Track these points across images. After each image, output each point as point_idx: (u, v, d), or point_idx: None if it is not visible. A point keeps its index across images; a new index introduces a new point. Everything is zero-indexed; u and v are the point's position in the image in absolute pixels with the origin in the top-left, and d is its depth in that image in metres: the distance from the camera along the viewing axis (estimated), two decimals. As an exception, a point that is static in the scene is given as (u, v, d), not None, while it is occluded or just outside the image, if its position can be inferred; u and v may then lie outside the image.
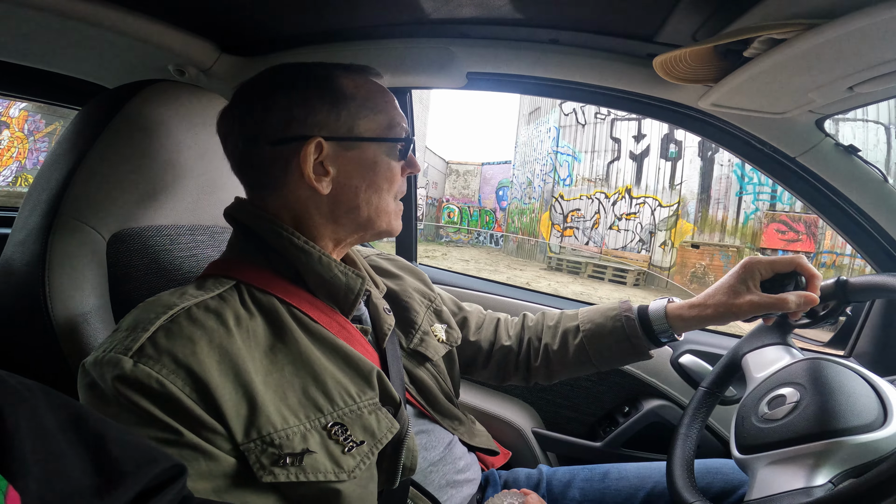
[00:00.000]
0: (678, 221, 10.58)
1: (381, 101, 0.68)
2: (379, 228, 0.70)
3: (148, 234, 0.76)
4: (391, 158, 0.68)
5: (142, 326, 0.52)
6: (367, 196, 0.67)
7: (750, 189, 9.87)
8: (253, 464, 0.51)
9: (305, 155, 0.62)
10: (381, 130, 0.67)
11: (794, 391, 0.73)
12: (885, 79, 0.65)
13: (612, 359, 0.88)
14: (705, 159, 10.16)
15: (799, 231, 9.58)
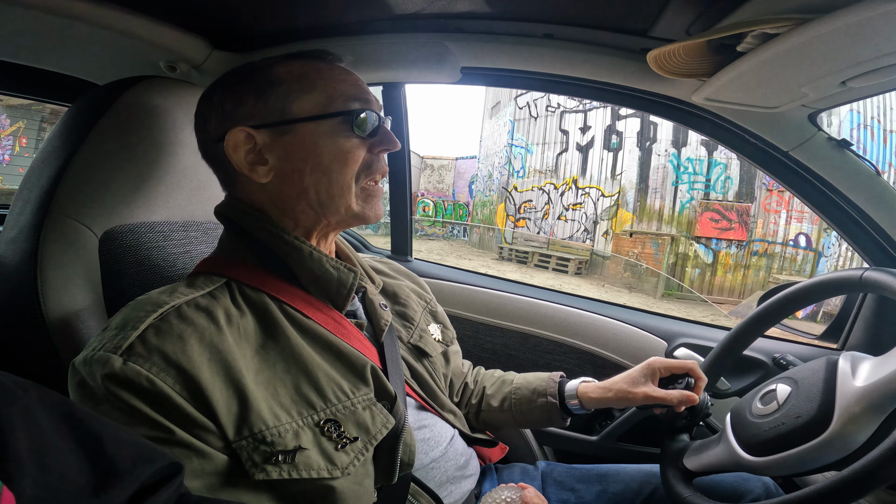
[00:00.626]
0: (618, 211, 10.75)
1: (316, 79, 0.65)
2: (339, 213, 0.67)
3: (140, 230, 0.76)
4: (337, 136, 0.64)
5: (131, 325, 0.52)
6: (315, 179, 0.64)
7: (685, 178, 10.03)
8: (245, 461, 0.51)
9: (230, 147, 0.63)
10: (317, 109, 0.64)
11: (785, 388, 0.75)
12: (877, 73, 0.66)
13: (530, 424, 0.96)
14: (644, 149, 10.30)
15: (731, 220, 9.74)
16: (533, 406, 0.92)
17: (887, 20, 0.53)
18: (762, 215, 9.68)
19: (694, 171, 9.99)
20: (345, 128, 0.65)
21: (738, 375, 1.13)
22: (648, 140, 10.28)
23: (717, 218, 9.84)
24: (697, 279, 9.99)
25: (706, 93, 0.82)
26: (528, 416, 0.92)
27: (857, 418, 0.63)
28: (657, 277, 9.59)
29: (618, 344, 1.22)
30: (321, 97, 0.64)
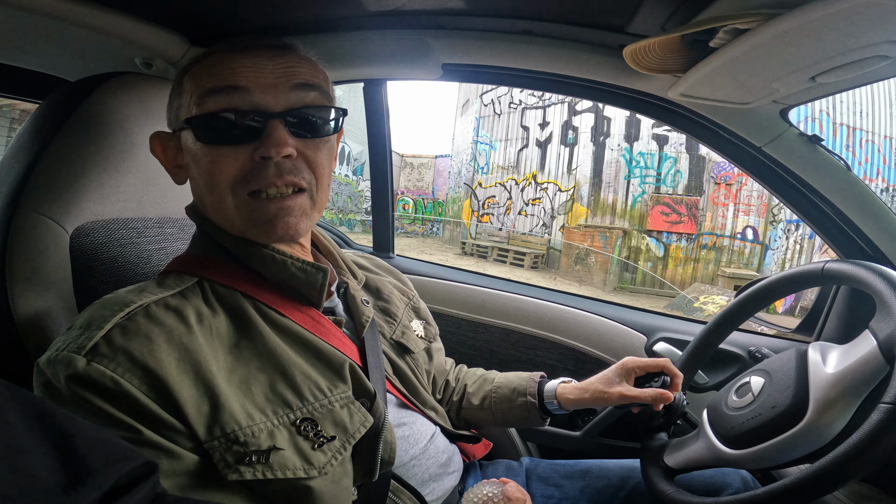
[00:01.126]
0: (573, 205, 11.00)
1: (191, 78, 0.61)
2: (233, 231, 0.63)
3: (113, 227, 0.75)
4: (203, 142, 0.59)
5: (96, 324, 0.51)
6: (202, 190, 0.63)
7: (637, 173, 10.29)
8: (217, 462, 0.50)
9: (155, 149, 0.66)
10: (185, 113, 0.61)
11: (759, 380, 0.77)
12: (846, 69, 0.68)
13: (510, 423, 0.96)
14: (597, 144, 10.59)
15: (681, 213, 10.00)
16: (513, 405, 0.92)
17: (854, 15, 0.55)
18: (710, 208, 9.95)
19: (645, 165, 10.26)
20: (208, 133, 0.59)
21: (716, 369, 1.15)
22: (602, 135, 10.55)
23: (667, 212, 10.10)
24: (649, 272, 10.17)
25: (681, 88, 0.84)
26: (508, 415, 0.93)
27: (833, 403, 0.65)
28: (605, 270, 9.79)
29: (599, 339, 1.24)
30: (191, 100, 0.60)
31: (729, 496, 0.67)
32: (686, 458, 0.80)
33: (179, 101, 0.63)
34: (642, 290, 9.72)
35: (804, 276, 0.84)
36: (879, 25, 0.56)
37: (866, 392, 0.64)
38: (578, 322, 1.26)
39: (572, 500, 0.89)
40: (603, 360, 1.22)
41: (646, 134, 10.20)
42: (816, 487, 0.59)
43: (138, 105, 0.76)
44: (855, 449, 0.57)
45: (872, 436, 0.56)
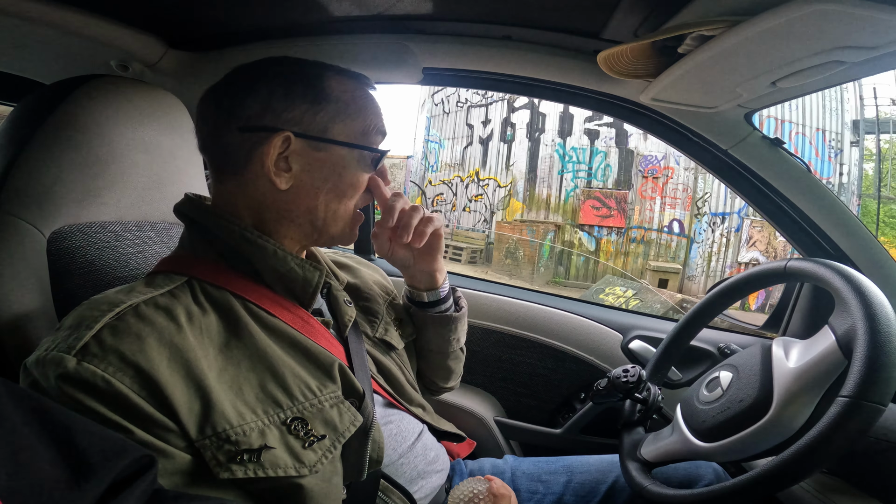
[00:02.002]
0: (510, 201, 11.15)
1: (362, 107, 0.67)
2: (333, 233, 0.69)
3: (90, 230, 0.74)
4: (360, 166, 0.67)
5: (86, 324, 0.51)
6: (327, 199, 0.66)
7: (570, 167, 10.45)
8: (209, 460, 0.50)
9: (270, 147, 0.62)
10: (354, 136, 0.66)
11: (727, 374, 0.79)
12: (803, 74, 0.71)
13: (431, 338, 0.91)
14: (533, 140, 10.72)
15: (611, 207, 10.16)
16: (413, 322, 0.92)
17: (810, 22, 0.58)
18: (639, 202, 10.08)
19: (578, 160, 10.39)
20: (367, 161, 0.68)
21: (688, 366, 1.18)
22: (537, 131, 10.66)
23: (598, 206, 10.24)
24: (582, 266, 10.30)
25: (652, 93, 0.87)
26: (423, 334, 0.91)
27: (795, 397, 0.67)
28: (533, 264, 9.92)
29: (577, 338, 1.26)
30: (360, 126, 0.67)
31: (702, 488, 0.69)
32: (662, 452, 0.82)
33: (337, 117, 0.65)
34: (575, 283, 9.78)
35: (768, 274, 0.87)
36: (834, 32, 0.60)
37: (826, 386, 0.66)
38: (557, 321, 1.28)
39: (557, 496, 0.90)
40: (581, 359, 1.25)
41: (578, 129, 10.36)
42: (780, 479, 0.60)
43: (115, 108, 0.75)
44: (814, 441, 0.58)
45: (830, 428, 0.57)
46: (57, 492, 0.33)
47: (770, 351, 0.76)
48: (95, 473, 0.35)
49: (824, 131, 9.81)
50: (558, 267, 10.36)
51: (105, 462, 0.37)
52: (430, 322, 0.90)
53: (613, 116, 1.04)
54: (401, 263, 0.85)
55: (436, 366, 0.95)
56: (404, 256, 0.83)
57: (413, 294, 0.90)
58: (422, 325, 0.91)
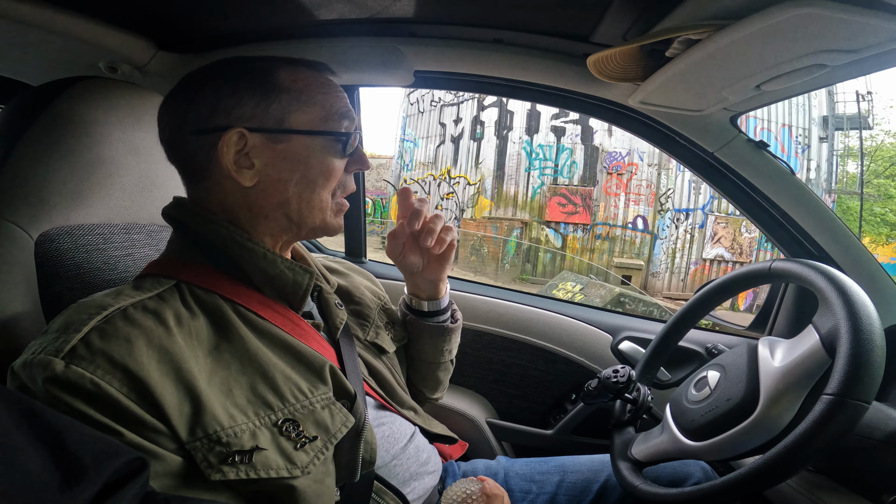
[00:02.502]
0: (479, 198, 11.22)
1: (318, 93, 0.66)
2: (313, 225, 0.68)
3: (79, 233, 0.73)
4: (328, 153, 0.66)
5: (73, 328, 0.50)
6: (298, 190, 0.65)
7: (537, 165, 10.55)
8: (200, 462, 0.50)
9: (224, 145, 0.62)
10: (314, 123, 0.65)
11: (715, 374, 0.80)
12: (787, 77, 0.73)
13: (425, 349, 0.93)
14: (501, 138, 10.83)
15: (577, 204, 10.28)
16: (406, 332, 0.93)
17: (792, 26, 0.60)
18: (604, 198, 10.17)
19: (544, 157, 10.48)
20: (335, 146, 0.67)
21: (676, 366, 1.20)
22: (505, 128, 10.75)
23: (564, 202, 10.33)
24: (549, 263, 10.35)
25: (640, 96, 0.89)
26: (416, 342, 0.93)
27: (781, 396, 0.68)
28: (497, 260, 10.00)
29: (568, 339, 1.27)
30: (319, 112, 0.66)
31: (691, 486, 0.70)
32: (652, 451, 0.82)
33: (290, 107, 0.64)
34: (541, 280, 9.77)
35: (753, 275, 0.88)
36: (816, 36, 0.61)
37: (811, 384, 0.67)
38: (548, 323, 1.29)
39: (550, 495, 0.91)
40: (572, 360, 1.26)
41: (545, 126, 10.44)
42: (768, 477, 0.61)
43: (104, 110, 0.74)
44: (800, 439, 0.59)
45: (815, 426, 0.58)
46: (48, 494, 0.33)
47: (756, 350, 0.77)
48: (87, 476, 0.35)
49: (790, 127, 9.96)
50: (525, 264, 10.41)
51: (97, 465, 0.36)
52: (425, 331, 0.91)
53: (602, 119, 1.06)
54: (409, 269, 0.86)
55: (425, 375, 0.96)
56: (414, 262, 0.84)
57: (413, 302, 0.91)
58: (417, 334, 0.92)
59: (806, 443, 0.59)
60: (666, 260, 9.99)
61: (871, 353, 0.60)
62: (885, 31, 0.57)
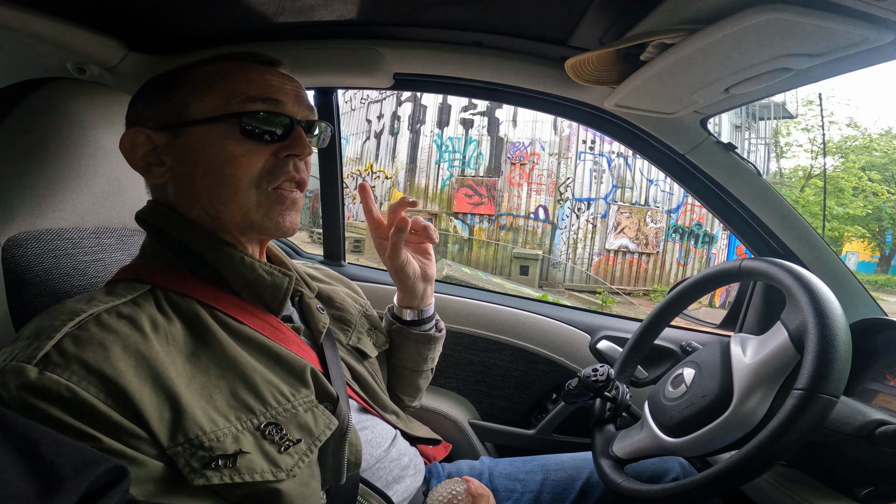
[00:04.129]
0: (393, 191, 11.37)
1: (217, 80, 0.63)
2: (234, 221, 0.64)
3: (46, 237, 0.71)
4: (229, 139, 0.62)
5: (46, 334, 0.49)
6: (207, 184, 0.63)
7: (446, 157, 10.68)
8: (183, 467, 0.50)
9: (126, 147, 0.64)
10: (211, 110, 0.62)
11: (690, 371, 0.82)
12: (754, 81, 0.76)
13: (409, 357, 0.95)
14: (414, 132, 10.96)
15: (482, 195, 10.37)
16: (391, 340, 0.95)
17: (759, 31, 0.62)
18: (508, 189, 10.25)
19: (453, 149, 10.58)
20: (238, 131, 0.62)
21: (653, 364, 1.22)
22: (418, 122, 10.87)
23: (470, 193, 10.40)
24: (458, 255, 10.43)
25: (616, 99, 0.91)
26: (400, 351, 0.95)
27: (753, 392, 0.69)
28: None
29: (547, 339, 1.28)
30: (218, 99, 0.63)
31: (672, 483, 0.71)
32: (632, 449, 0.84)
33: (188, 99, 0.63)
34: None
35: (724, 273, 0.91)
36: (781, 40, 0.64)
37: (781, 379, 0.69)
38: (527, 324, 1.30)
39: (534, 494, 0.92)
40: (551, 360, 1.27)
41: (455, 119, 10.55)
42: (744, 472, 0.63)
43: (73, 112, 0.73)
44: (773, 434, 0.60)
45: (788, 421, 0.60)
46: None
47: (728, 347, 0.79)
48: (65, 486, 0.34)
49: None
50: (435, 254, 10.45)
51: (75, 474, 0.36)
52: (411, 339, 0.93)
53: (579, 122, 1.08)
54: (405, 273, 0.87)
55: (406, 382, 0.97)
56: (413, 269, 0.87)
57: (400, 312, 0.93)
58: (402, 341, 0.94)
59: (779, 437, 0.60)
60: (567, 250, 10.04)
61: (837, 349, 0.62)
62: (847, 34, 0.61)
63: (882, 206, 13.80)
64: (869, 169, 13.94)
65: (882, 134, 14.64)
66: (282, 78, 0.67)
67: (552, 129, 9.89)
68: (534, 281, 8.96)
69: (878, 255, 15.58)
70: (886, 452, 0.67)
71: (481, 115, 10.34)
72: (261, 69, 0.67)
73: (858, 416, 0.69)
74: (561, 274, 9.90)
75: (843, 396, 0.65)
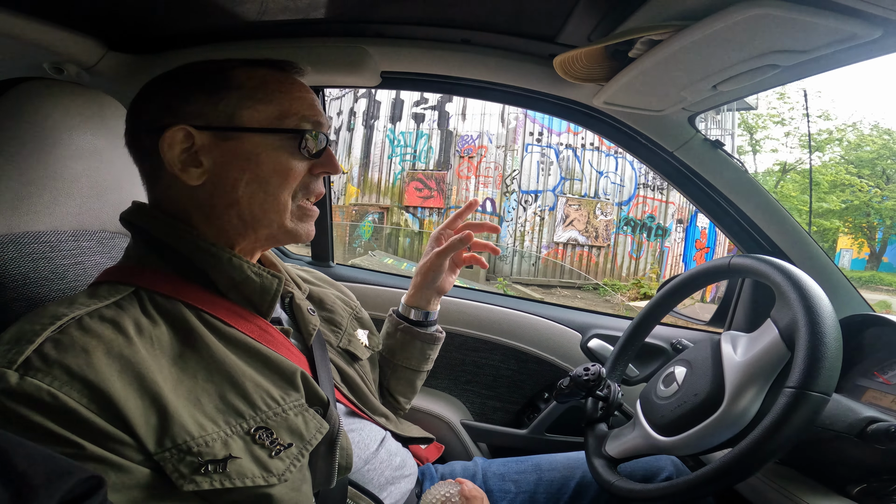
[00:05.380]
0: (347, 186, 11.37)
1: (274, 91, 0.64)
2: (269, 227, 0.65)
3: (23, 241, 0.70)
4: (282, 151, 0.64)
5: (26, 338, 0.48)
6: (249, 190, 0.63)
7: (398, 151, 10.68)
8: (171, 473, 0.49)
9: (167, 143, 0.61)
10: (268, 121, 0.63)
11: (682, 369, 0.82)
12: (741, 77, 0.76)
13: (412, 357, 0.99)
14: (368, 127, 10.94)
15: (432, 188, 10.36)
16: (395, 340, 0.98)
17: (747, 27, 0.62)
18: (456, 182, 10.20)
19: (405, 144, 10.58)
20: (291, 146, 0.64)
21: (644, 362, 1.23)
22: (372, 118, 10.85)
23: (420, 187, 10.37)
24: (409, 248, 10.44)
25: (604, 97, 0.91)
26: (405, 351, 0.98)
27: (745, 390, 0.69)
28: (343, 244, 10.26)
29: (538, 338, 1.28)
30: (275, 110, 0.64)
31: (666, 482, 0.71)
32: (626, 448, 0.83)
33: (242, 104, 0.63)
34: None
35: (714, 270, 0.91)
36: (769, 37, 0.64)
37: (772, 377, 0.69)
38: (518, 323, 1.30)
39: (529, 494, 0.91)
40: (543, 359, 1.27)
41: (407, 114, 10.55)
42: (737, 471, 0.63)
43: (49, 113, 0.71)
44: (767, 433, 0.60)
45: (780, 419, 0.60)
46: None
47: (719, 345, 0.79)
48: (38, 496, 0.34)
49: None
50: (387, 247, 10.50)
51: (48, 484, 0.35)
52: (418, 339, 0.97)
53: (567, 120, 1.07)
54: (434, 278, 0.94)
55: (406, 382, 0.99)
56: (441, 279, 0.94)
57: (407, 311, 0.98)
58: (408, 341, 0.96)
59: (772, 436, 0.60)
60: (514, 243, 10.00)
61: (828, 346, 0.62)
62: (836, 30, 0.61)
63: (869, 200, 13.99)
64: (858, 164, 14.10)
65: (873, 127, 14.81)
66: (311, 94, 0.69)
67: (500, 122, 9.87)
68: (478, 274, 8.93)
69: (869, 252, 15.81)
70: (878, 450, 0.67)
71: (432, 110, 10.33)
72: (298, 84, 0.68)
73: (849, 414, 0.70)
74: (508, 267, 9.87)
75: (834, 394, 0.65)
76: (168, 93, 0.64)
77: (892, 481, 0.68)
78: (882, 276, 14.38)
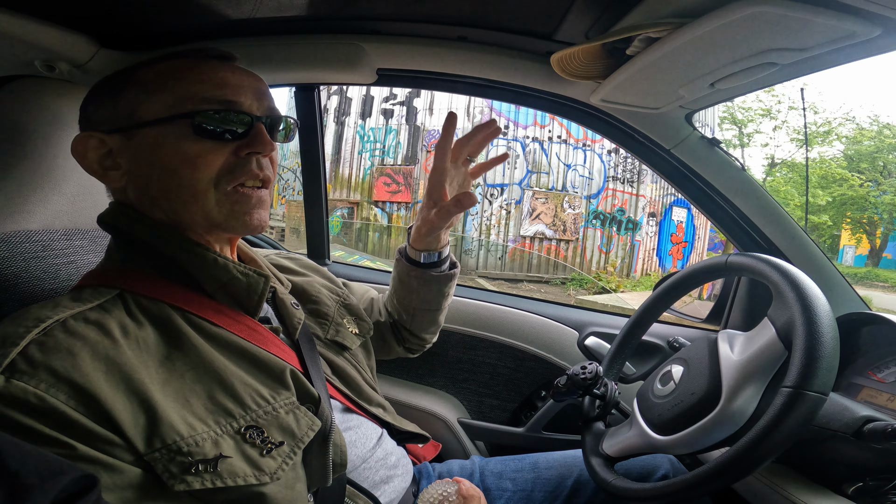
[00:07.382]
0: None
1: (168, 80, 0.63)
2: (196, 221, 0.63)
3: (15, 240, 0.69)
4: (184, 139, 0.61)
5: (10, 341, 0.48)
6: (162, 183, 0.62)
7: (368, 147, 10.81)
8: (162, 473, 0.49)
9: (79, 153, 0.63)
10: (163, 111, 0.61)
11: (679, 368, 0.82)
12: (739, 75, 0.76)
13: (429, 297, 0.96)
14: (339, 123, 11.04)
15: (399, 183, 10.48)
16: (408, 285, 0.95)
17: (745, 25, 0.62)
18: (424, 176, 10.21)
19: (374, 139, 10.68)
20: (192, 130, 0.61)
21: (641, 360, 1.23)
22: (343, 114, 10.95)
23: (388, 182, 10.49)
24: (378, 242, 10.62)
25: (602, 94, 0.91)
26: (421, 294, 0.95)
27: (741, 389, 0.69)
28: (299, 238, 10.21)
29: (535, 336, 1.28)
30: (169, 98, 0.62)
31: (663, 481, 0.71)
32: (623, 447, 0.83)
33: (138, 100, 0.62)
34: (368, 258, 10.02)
35: (711, 269, 0.91)
36: (767, 35, 0.64)
37: (769, 376, 0.69)
38: (515, 321, 1.30)
39: (526, 493, 0.91)
40: (540, 357, 1.27)
41: (377, 110, 10.65)
42: (735, 471, 0.62)
43: (41, 110, 0.71)
44: (764, 432, 0.60)
45: (778, 419, 0.60)
46: None
47: (716, 344, 0.79)
48: (32, 495, 0.34)
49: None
50: (357, 242, 10.72)
51: (42, 483, 0.35)
52: (433, 282, 0.93)
53: (565, 117, 1.07)
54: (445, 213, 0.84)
55: (429, 321, 1.00)
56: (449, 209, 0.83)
57: (417, 255, 0.92)
58: (422, 285, 0.93)
59: (770, 435, 0.60)
60: (479, 237, 10.03)
61: (826, 346, 0.62)
62: (834, 29, 0.60)
63: (866, 195, 13.97)
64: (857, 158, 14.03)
65: (872, 121, 14.77)
66: (239, 74, 0.66)
67: (465, 115, 9.86)
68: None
69: (870, 248, 15.83)
70: (875, 449, 0.67)
71: (401, 105, 10.38)
72: (213, 65, 0.65)
73: (846, 413, 0.70)
74: (474, 261, 9.87)
75: (831, 393, 0.65)
76: (84, 104, 0.66)
77: (888, 480, 0.68)
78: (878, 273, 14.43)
